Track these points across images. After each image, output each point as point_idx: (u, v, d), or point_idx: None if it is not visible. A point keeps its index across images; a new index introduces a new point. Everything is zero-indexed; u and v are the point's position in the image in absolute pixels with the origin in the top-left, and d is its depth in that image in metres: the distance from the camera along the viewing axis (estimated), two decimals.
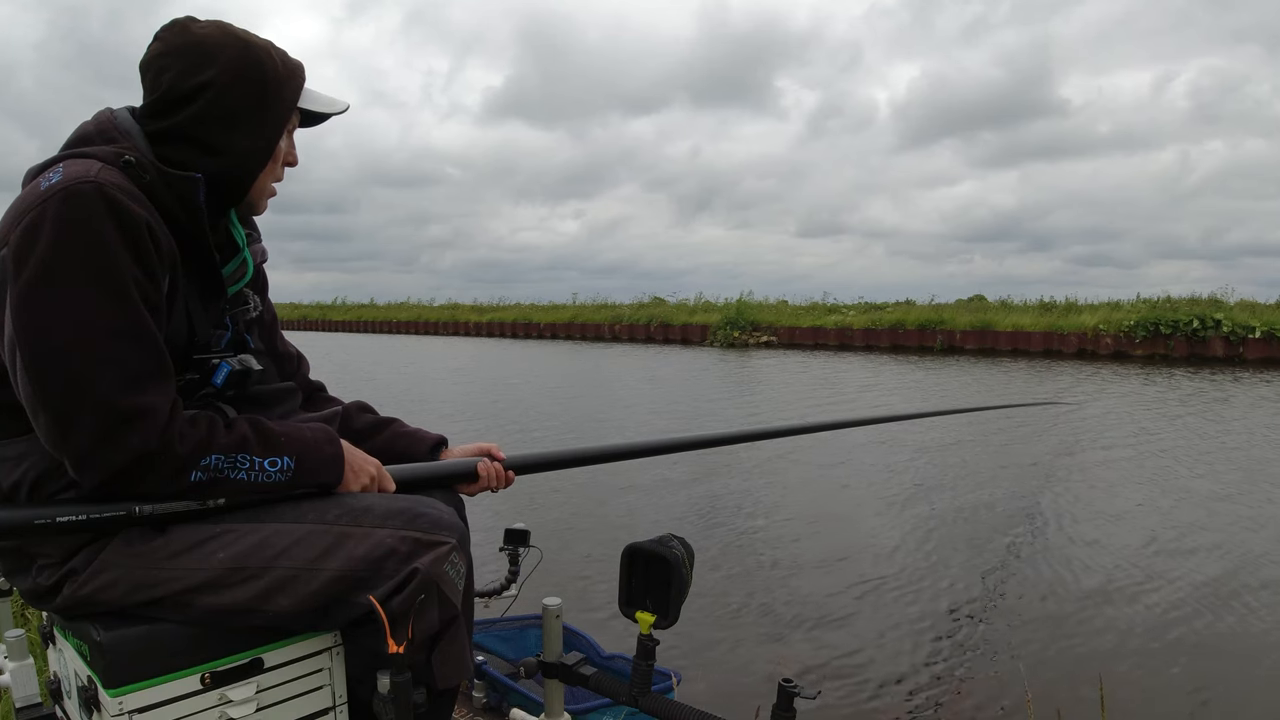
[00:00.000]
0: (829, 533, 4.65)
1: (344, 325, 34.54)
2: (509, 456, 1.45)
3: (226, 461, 1.04)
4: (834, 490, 5.71)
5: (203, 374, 1.14)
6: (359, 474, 1.18)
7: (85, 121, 1.12)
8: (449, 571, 1.12)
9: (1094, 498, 5.30)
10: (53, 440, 0.98)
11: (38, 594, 1.08)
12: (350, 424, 1.41)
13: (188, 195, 1.07)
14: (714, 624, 3.36)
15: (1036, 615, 3.43)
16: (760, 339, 20.59)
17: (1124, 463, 6.30)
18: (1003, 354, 16.59)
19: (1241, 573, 3.87)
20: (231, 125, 1.11)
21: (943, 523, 4.79)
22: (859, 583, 3.83)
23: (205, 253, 1.12)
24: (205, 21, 1.13)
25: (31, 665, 1.42)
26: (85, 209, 0.97)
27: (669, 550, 1.24)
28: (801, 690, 1.19)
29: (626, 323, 23.84)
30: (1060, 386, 11.24)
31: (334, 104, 1.24)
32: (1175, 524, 4.68)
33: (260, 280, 1.32)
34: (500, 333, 27.49)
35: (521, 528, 1.96)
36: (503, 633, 2.61)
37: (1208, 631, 3.25)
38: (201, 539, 1.07)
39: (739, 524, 4.80)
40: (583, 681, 1.43)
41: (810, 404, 9.80)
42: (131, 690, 1.00)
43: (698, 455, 6.33)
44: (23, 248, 0.96)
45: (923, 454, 6.83)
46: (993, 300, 20.69)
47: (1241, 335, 14.81)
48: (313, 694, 1.15)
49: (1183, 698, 2.76)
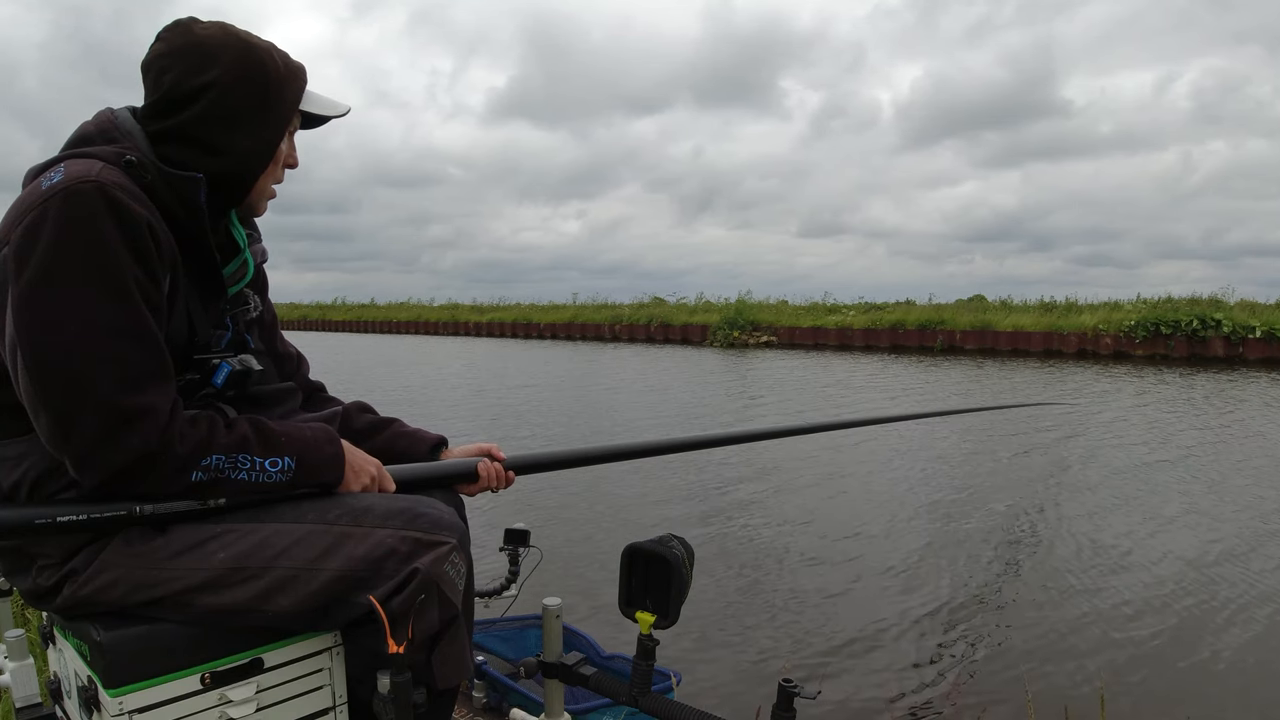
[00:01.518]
0: (829, 533, 4.65)
1: (344, 325, 34.52)
2: (509, 457, 1.45)
3: (227, 461, 1.04)
4: (834, 491, 5.71)
5: (203, 374, 1.14)
6: (359, 474, 1.18)
7: (86, 121, 1.12)
8: (449, 571, 1.12)
9: (1096, 498, 5.30)
10: (53, 440, 0.98)
11: (38, 594, 1.08)
12: (350, 424, 1.41)
13: (189, 195, 1.07)
14: (714, 624, 3.36)
15: (1037, 616, 3.43)
16: (760, 339, 20.59)
17: (1125, 463, 6.30)
18: (1003, 354, 16.59)
19: (1244, 572, 3.87)
20: (233, 126, 1.11)
21: (943, 523, 4.79)
22: (860, 583, 3.83)
23: (206, 253, 1.12)
24: (208, 22, 1.13)
25: (31, 665, 1.42)
26: (87, 208, 0.97)
27: (669, 550, 1.24)
28: (801, 690, 1.19)
29: (626, 323, 23.84)
30: (1064, 388, 11.24)
31: (335, 106, 1.24)
32: (1177, 524, 4.69)
33: (260, 280, 1.32)
34: (500, 333, 27.49)
35: (521, 528, 1.96)
36: (503, 633, 2.61)
37: (1209, 631, 3.25)
38: (202, 539, 1.07)
39: (739, 524, 4.80)
40: (583, 681, 1.43)
41: (811, 405, 9.80)
42: (131, 690, 1.00)
43: (697, 456, 6.34)
44: (24, 247, 0.96)
45: (923, 454, 6.83)
46: (993, 300, 20.70)
47: (1241, 335, 14.81)
48: (313, 694, 1.15)
49: (1184, 698, 2.76)
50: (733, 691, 2.81)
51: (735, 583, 3.85)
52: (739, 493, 5.57)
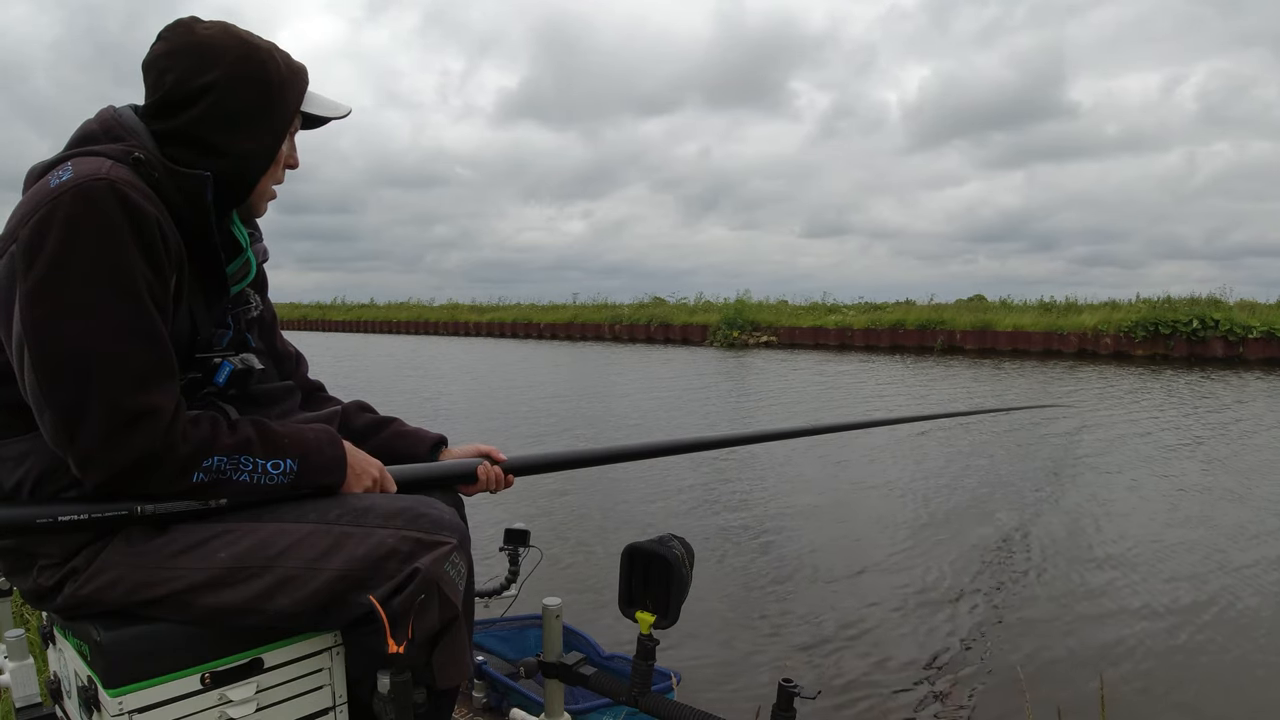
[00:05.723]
0: (829, 533, 4.65)
1: (343, 325, 34.47)
2: (509, 458, 1.46)
3: (229, 463, 1.04)
4: (834, 492, 5.71)
5: (205, 373, 1.14)
6: (361, 476, 1.18)
7: (88, 120, 1.11)
8: (449, 572, 1.12)
9: (1097, 498, 5.30)
10: (58, 438, 0.98)
11: (39, 594, 1.08)
12: (350, 424, 1.41)
13: (196, 193, 1.07)
14: (714, 624, 3.36)
15: (1038, 616, 3.43)
16: (760, 339, 20.57)
17: (1127, 463, 6.30)
18: (1003, 354, 16.58)
19: (1245, 573, 3.87)
20: (234, 127, 1.11)
21: (944, 524, 4.79)
22: (859, 583, 3.83)
23: (211, 252, 1.12)
24: (209, 23, 1.13)
25: (31, 665, 1.42)
26: (98, 206, 0.96)
27: (669, 550, 1.24)
28: (801, 690, 1.19)
29: (626, 323, 23.82)
30: (1063, 388, 11.23)
31: (336, 108, 1.24)
32: (1179, 525, 4.69)
33: (261, 280, 1.32)
34: (500, 333, 27.46)
35: (521, 528, 1.97)
36: (503, 633, 2.61)
37: (1211, 631, 3.25)
38: (203, 538, 1.07)
39: (739, 524, 4.80)
40: (583, 681, 1.44)
41: (811, 405, 9.80)
42: (131, 690, 1.00)
43: (697, 456, 6.33)
44: (33, 244, 0.96)
45: (923, 455, 6.82)
46: (993, 300, 20.68)
47: (1240, 335, 14.81)
48: (313, 694, 1.15)
49: (1184, 698, 2.76)
50: (733, 691, 2.81)
51: (735, 582, 3.85)
52: (739, 493, 5.57)
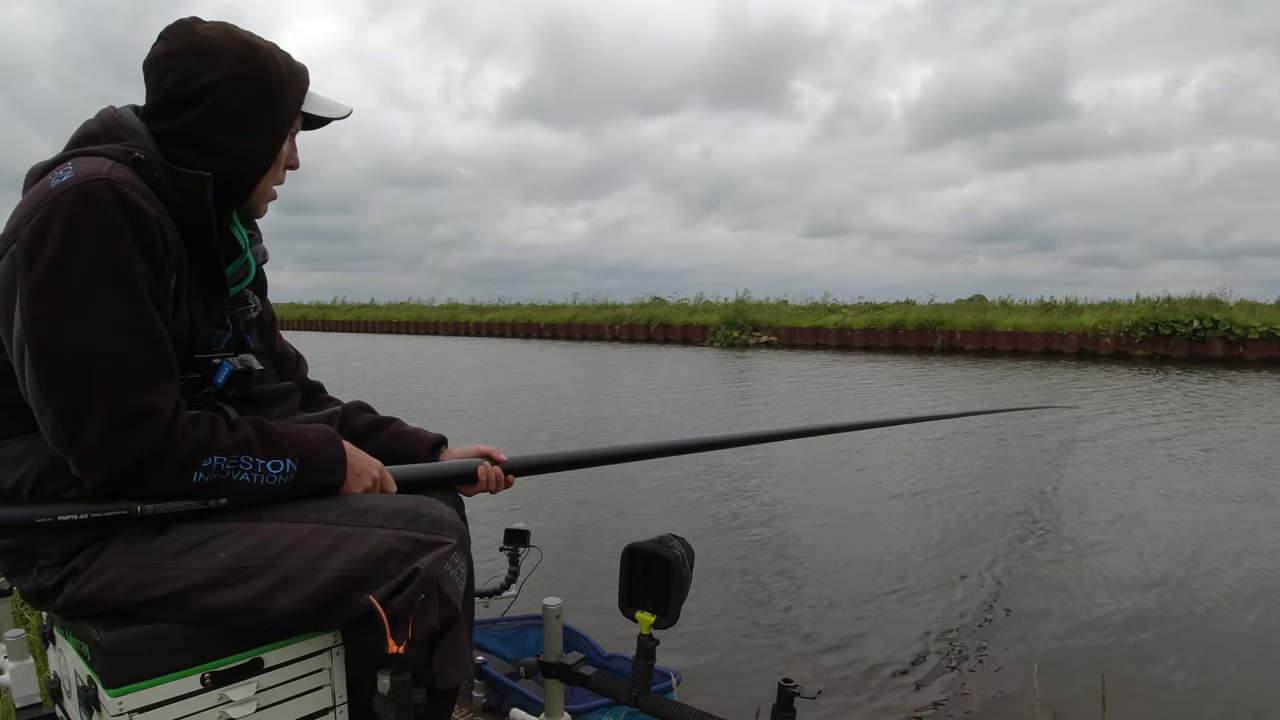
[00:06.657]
0: (830, 533, 4.65)
1: (343, 325, 34.47)
2: (509, 458, 1.46)
3: (229, 463, 1.04)
4: (835, 491, 5.71)
5: (204, 373, 1.14)
6: (361, 477, 1.18)
7: (88, 120, 1.11)
8: (450, 572, 1.12)
9: (1099, 498, 5.30)
10: (58, 438, 0.98)
11: (39, 594, 1.08)
12: (349, 424, 1.41)
13: (196, 193, 1.07)
14: (714, 624, 3.36)
15: (1039, 616, 3.43)
16: (760, 339, 20.58)
17: (1128, 463, 6.30)
18: (1003, 354, 16.58)
19: (1247, 572, 3.87)
20: (234, 128, 1.10)
21: (945, 523, 4.79)
22: (860, 582, 3.83)
23: (211, 252, 1.11)
24: (210, 23, 1.13)
25: (31, 665, 1.42)
26: (99, 206, 0.96)
27: (669, 550, 1.24)
28: (801, 690, 1.19)
29: (626, 323, 23.82)
30: (1063, 388, 11.23)
31: (337, 109, 1.24)
32: (1180, 525, 4.69)
33: (260, 281, 1.32)
34: (500, 333, 27.46)
35: (521, 528, 1.97)
36: (503, 633, 2.61)
37: (1214, 631, 3.25)
38: (203, 538, 1.07)
39: (738, 524, 4.80)
40: (583, 681, 1.44)
41: (811, 405, 9.79)
42: (131, 690, 1.00)
43: (697, 456, 6.33)
44: (34, 244, 0.96)
45: (924, 455, 6.83)
46: (993, 300, 20.67)
47: (1240, 335, 14.81)
48: (313, 694, 1.15)
49: (1185, 698, 2.76)
50: (733, 691, 2.81)
51: (735, 582, 3.85)
52: (739, 493, 5.57)
